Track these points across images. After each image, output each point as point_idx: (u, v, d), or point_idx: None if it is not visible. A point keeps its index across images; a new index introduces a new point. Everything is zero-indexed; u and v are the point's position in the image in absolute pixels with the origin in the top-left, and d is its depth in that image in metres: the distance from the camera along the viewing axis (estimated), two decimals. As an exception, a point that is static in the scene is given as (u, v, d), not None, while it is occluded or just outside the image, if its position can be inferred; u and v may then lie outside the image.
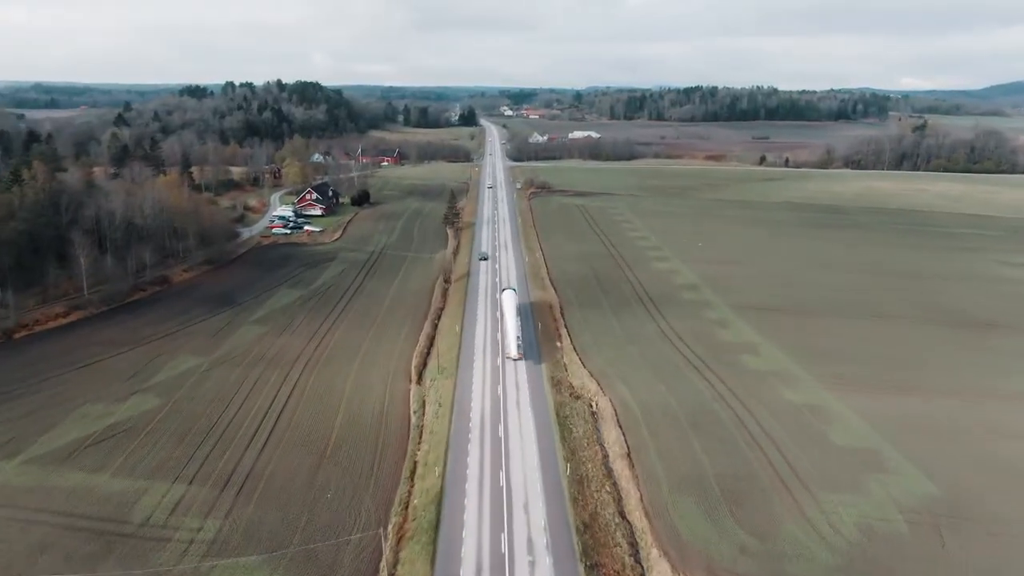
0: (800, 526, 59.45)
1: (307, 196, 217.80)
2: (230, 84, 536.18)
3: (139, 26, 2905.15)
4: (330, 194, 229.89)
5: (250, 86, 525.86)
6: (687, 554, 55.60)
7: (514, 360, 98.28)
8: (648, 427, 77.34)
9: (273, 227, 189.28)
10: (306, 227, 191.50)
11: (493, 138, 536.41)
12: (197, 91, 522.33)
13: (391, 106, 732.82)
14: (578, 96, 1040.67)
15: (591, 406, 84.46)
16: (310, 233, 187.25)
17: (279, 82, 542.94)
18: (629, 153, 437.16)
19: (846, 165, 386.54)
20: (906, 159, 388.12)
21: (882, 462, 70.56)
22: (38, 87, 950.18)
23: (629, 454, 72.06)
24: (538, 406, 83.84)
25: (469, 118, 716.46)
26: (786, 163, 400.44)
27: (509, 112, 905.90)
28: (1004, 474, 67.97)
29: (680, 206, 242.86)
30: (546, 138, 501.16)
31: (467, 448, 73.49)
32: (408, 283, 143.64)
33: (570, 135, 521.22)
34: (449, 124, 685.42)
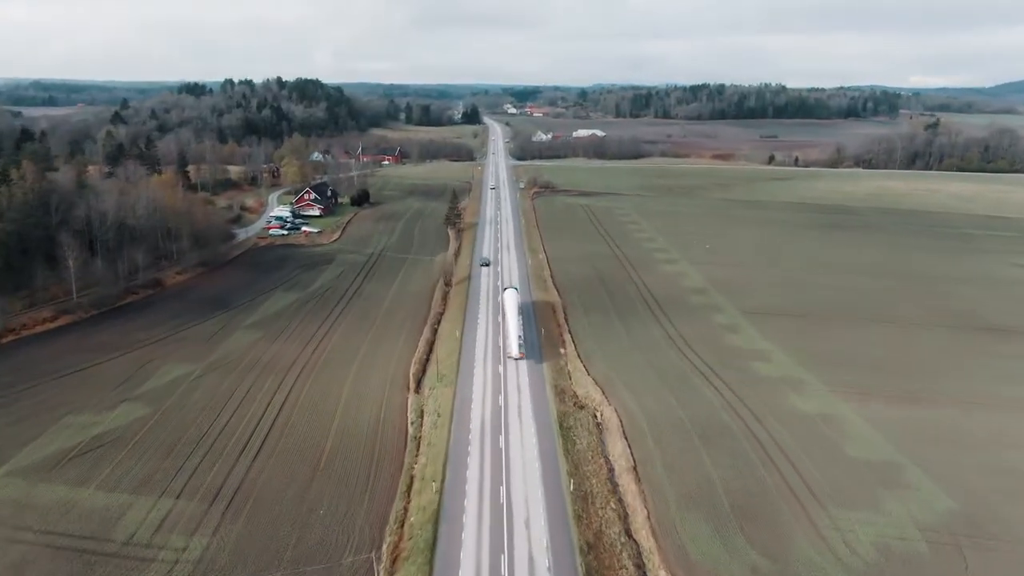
0: (814, 545, 57.46)
1: (305, 196, 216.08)
2: (229, 82, 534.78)
3: (140, 23, 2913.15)
4: (329, 194, 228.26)
5: (249, 84, 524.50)
6: (696, 576, 53.73)
7: (515, 359, 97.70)
8: (655, 438, 75.42)
9: (270, 228, 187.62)
10: (304, 228, 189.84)
11: (496, 136, 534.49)
12: (196, 89, 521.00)
13: (393, 104, 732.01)
14: (583, 94, 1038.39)
15: (595, 416, 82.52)
16: (308, 234, 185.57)
17: (279, 79, 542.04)
18: (635, 152, 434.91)
19: (857, 164, 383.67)
20: (918, 158, 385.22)
21: (899, 476, 68.53)
22: (37, 84, 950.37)
23: (635, 467, 70.11)
24: (540, 416, 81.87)
25: (472, 116, 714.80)
26: (795, 162, 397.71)
27: (513, 110, 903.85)
28: (1028, 489, 65.84)
29: (687, 206, 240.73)
30: (550, 136, 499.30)
31: (466, 461, 71.56)
32: (408, 286, 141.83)
33: (574, 133, 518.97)
34: (452, 122, 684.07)
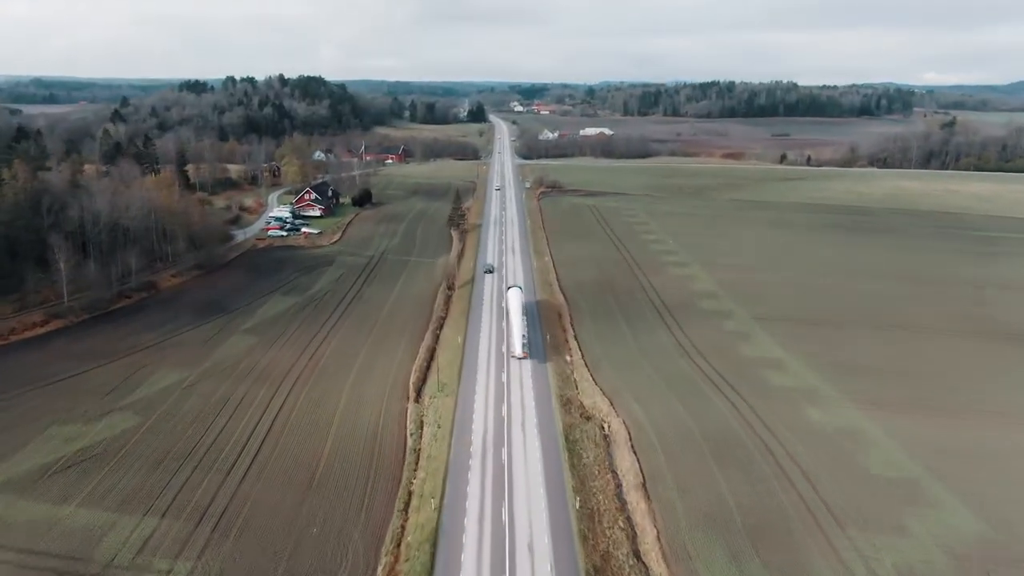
0: (834, 570, 55.06)
1: (305, 196, 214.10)
2: (231, 79, 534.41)
3: (142, 19, 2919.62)
4: (330, 194, 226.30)
5: (251, 81, 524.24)
6: (709, 605, 51.37)
7: (519, 359, 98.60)
8: (665, 453, 73.06)
9: (269, 229, 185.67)
10: (304, 229, 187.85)
11: (502, 135, 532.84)
12: (197, 86, 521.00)
13: (397, 101, 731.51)
14: (591, 91, 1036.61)
15: (603, 428, 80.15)
16: (308, 235, 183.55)
17: (281, 77, 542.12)
18: (643, 151, 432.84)
19: (871, 164, 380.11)
20: (934, 157, 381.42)
21: (922, 494, 66.04)
22: (38, 82, 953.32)
23: (644, 484, 67.73)
24: (545, 428, 79.54)
25: (478, 114, 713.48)
26: (808, 161, 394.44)
27: (519, 108, 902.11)
28: (1061, 511, 63.17)
29: (697, 207, 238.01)
30: (557, 135, 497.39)
31: (467, 476, 69.27)
32: (409, 290, 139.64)
33: (582, 132, 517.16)
34: (457, 120, 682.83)
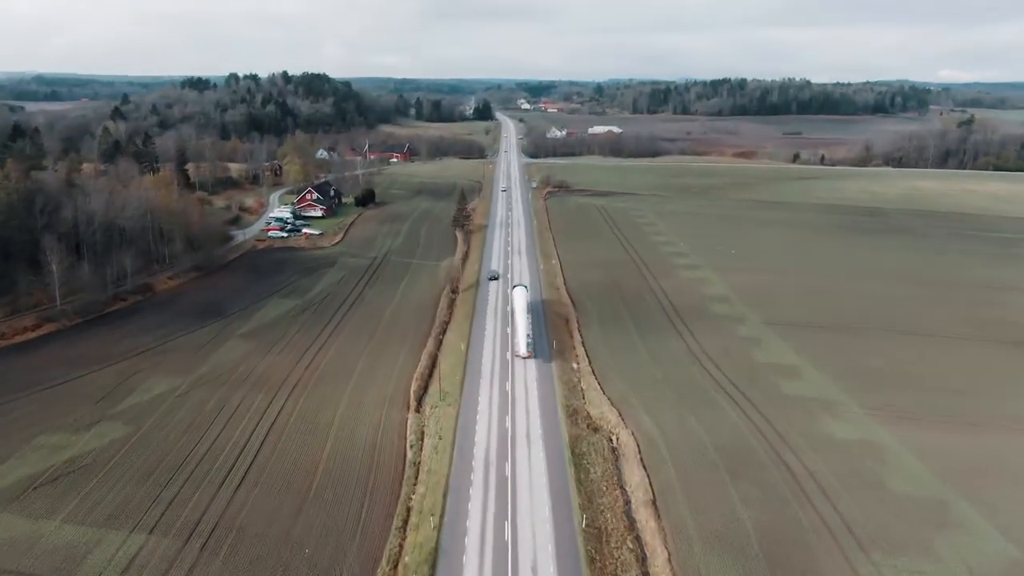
0: (858, 598, 52.66)
1: (307, 196, 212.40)
2: (234, 76, 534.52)
3: (144, 15, 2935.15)
4: (332, 194, 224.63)
5: (254, 78, 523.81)
6: (724, 635, 49.05)
7: (523, 358, 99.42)
8: (676, 467, 70.69)
9: (269, 230, 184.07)
10: (304, 230, 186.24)
11: (509, 133, 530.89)
12: (199, 83, 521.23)
13: (403, 99, 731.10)
14: (599, 89, 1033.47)
15: (611, 440, 77.82)
16: (308, 236, 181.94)
17: (285, 74, 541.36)
18: (653, 149, 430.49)
19: (886, 163, 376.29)
20: (951, 156, 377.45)
21: (949, 514, 63.38)
22: (40, 79, 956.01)
23: (654, 501, 65.36)
24: (551, 440, 77.32)
25: (484, 112, 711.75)
26: (821, 160, 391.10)
27: (527, 105, 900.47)
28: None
29: (708, 207, 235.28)
30: (564, 133, 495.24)
31: (468, 492, 67.10)
32: (412, 293, 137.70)
33: (590, 130, 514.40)
34: (463, 118, 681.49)
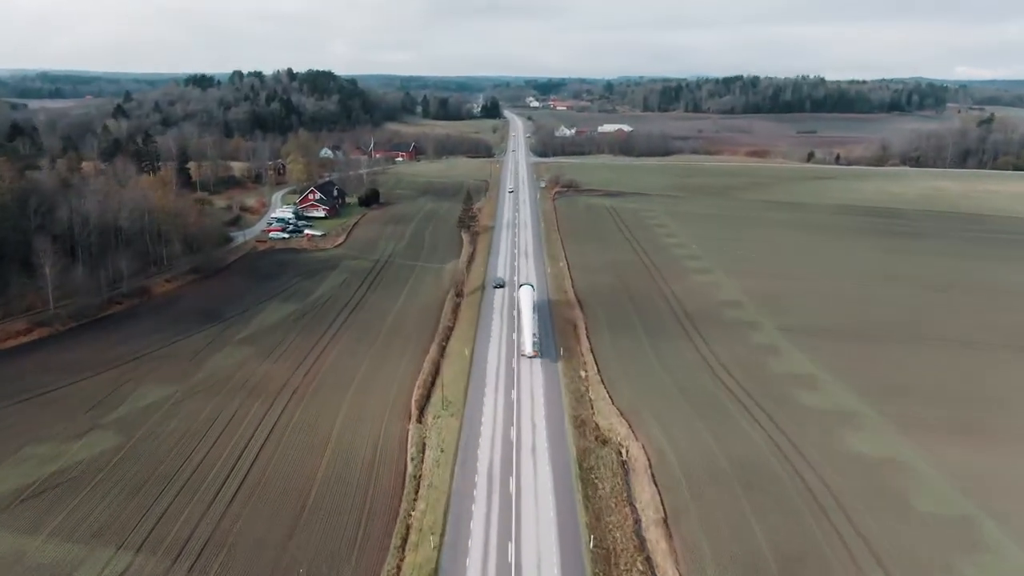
0: (882, 627, 50.30)
1: (309, 196, 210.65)
2: (238, 73, 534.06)
3: (147, 12, 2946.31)
4: (335, 194, 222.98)
5: (259, 76, 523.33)
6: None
7: (529, 358, 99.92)
8: (689, 484, 68.41)
9: (270, 230, 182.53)
10: (306, 231, 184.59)
11: (517, 131, 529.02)
12: (203, 81, 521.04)
13: (409, 97, 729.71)
14: (609, 86, 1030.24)
15: (620, 454, 75.57)
16: (310, 237, 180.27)
17: (290, 71, 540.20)
18: (664, 148, 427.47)
19: (904, 162, 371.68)
20: (970, 156, 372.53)
21: (977, 536, 60.94)
22: (44, 76, 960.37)
23: (666, 520, 63.14)
24: (557, 453, 75.15)
25: (492, 110, 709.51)
26: (836, 160, 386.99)
27: (535, 103, 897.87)
28: None
29: (721, 208, 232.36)
30: (574, 131, 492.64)
31: (471, 508, 65.03)
32: (415, 297, 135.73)
33: (600, 128, 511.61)
34: (471, 116, 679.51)
